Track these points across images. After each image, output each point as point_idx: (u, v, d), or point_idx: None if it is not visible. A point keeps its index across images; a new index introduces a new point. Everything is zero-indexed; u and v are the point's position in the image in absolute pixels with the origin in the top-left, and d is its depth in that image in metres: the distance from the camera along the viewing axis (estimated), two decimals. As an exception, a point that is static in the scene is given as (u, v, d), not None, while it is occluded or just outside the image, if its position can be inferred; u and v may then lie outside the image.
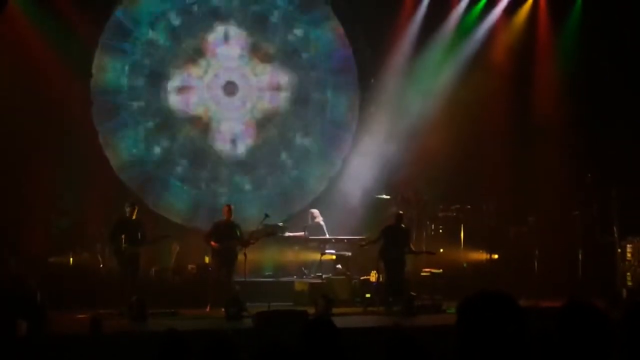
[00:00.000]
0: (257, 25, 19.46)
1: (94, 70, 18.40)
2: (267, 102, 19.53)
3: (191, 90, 19.20)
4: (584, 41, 18.47)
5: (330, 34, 19.69)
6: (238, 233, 16.05)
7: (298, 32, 19.69)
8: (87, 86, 18.32)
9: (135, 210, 15.83)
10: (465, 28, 19.31)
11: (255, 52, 19.47)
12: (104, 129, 18.54)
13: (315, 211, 18.21)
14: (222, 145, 19.32)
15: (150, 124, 18.99)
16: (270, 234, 16.39)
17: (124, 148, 18.79)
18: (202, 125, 19.21)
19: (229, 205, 16.47)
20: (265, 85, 19.53)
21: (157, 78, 18.96)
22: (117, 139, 18.72)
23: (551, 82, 18.97)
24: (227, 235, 15.98)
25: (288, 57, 19.62)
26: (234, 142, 19.38)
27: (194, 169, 19.17)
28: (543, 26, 19.29)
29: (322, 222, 17.98)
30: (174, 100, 19.05)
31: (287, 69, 19.56)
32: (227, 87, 19.35)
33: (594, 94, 17.82)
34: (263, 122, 19.53)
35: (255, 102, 19.45)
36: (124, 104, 18.81)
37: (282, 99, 19.62)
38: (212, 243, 15.98)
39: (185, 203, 19.07)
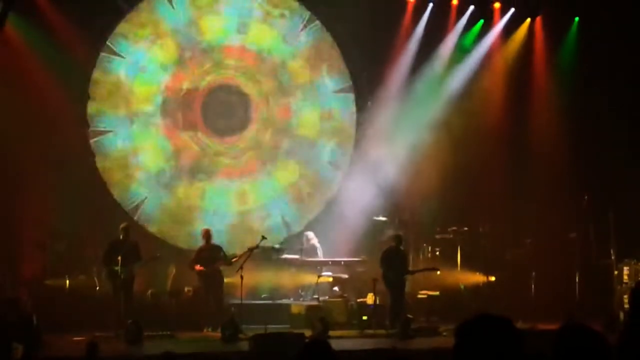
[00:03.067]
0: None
1: (91, 93, 18.43)
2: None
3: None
4: (581, 63, 18.55)
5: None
6: (221, 254, 16.25)
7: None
8: (83, 108, 18.34)
9: (129, 232, 15.87)
10: (462, 50, 19.37)
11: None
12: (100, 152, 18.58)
13: (310, 233, 18.24)
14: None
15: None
16: (253, 249, 16.28)
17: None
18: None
19: (207, 229, 16.71)
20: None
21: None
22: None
23: (548, 105, 19.03)
24: (210, 258, 16.20)
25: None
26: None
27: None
28: (539, 48, 19.39)
29: (317, 244, 17.98)
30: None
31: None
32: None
33: (591, 117, 17.88)
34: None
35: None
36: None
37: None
38: (197, 267, 16.17)
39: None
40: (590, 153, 17.73)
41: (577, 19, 18.79)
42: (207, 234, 16.56)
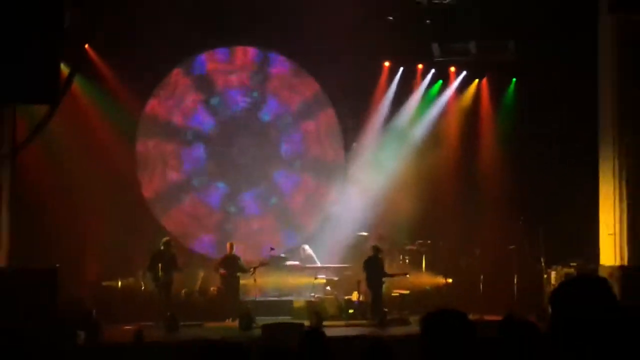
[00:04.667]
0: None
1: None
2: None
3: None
4: (517, 112, 18.60)
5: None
6: (240, 263, 16.37)
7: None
8: (133, 146, 18.35)
9: (170, 245, 15.90)
10: (425, 104, 19.40)
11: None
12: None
13: (306, 246, 18.17)
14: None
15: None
16: (264, 264, 16.49)
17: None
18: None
19: (231, 243, 16.74)
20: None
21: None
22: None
23: (492, 144, 19.02)
24: (232, 266, 16.26)
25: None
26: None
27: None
28: (485, 101, 19.37)
29: (312, 254, 17.93)
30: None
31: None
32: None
33: (526, 153, 17.89)
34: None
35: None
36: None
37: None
38: (221, 272, 16.20)
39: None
40: (525, 182, 17.70)
41: (514, 79, 18.82)
42: (230, 247, 16.63)
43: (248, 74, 19.31)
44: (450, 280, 17.58)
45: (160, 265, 15.39)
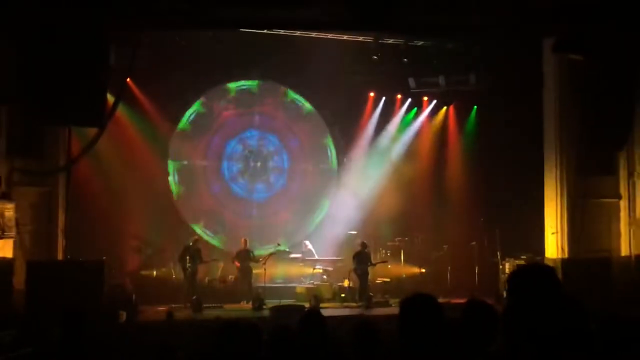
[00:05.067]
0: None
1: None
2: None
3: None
4: (477, 133, 18.65)
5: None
6: (252, 255, 16.28)
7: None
8: (165, 163, 18.36)
9: (196, 241, 15.92)
10: (403, 126, 19.41)
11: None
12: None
13: (307, 242, 18.14)
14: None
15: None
16: (272, 254, 16.58)
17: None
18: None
19: (245, 239, 16.69)
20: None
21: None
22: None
23: (458, 158, 19.05)
24: (245, 258, 16.23)
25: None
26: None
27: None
28: (452, 124, 19.40)
29: (311, 248, 17.90)
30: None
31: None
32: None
33: (485, 165, 17.89)
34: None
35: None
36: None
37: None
38: (236, 263, 16.20)
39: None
40: (485, 189, 17.69)
41: (475, 107, 18.86)
42: (245, 242, 16.58)
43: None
44: (423, 270, 17.59)
45: (188, 257, 15.39)
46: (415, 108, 19.38)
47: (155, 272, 16.62)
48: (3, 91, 12.59)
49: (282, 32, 15.85)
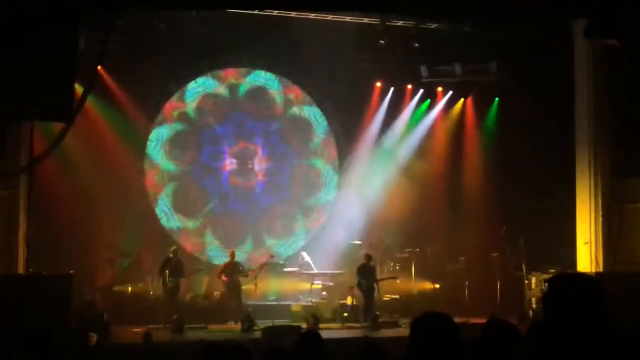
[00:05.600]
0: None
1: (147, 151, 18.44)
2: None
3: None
4: (499, 130, 18.65)
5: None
6: (241, 268, 16.27)
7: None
8: (142, 162, 18.33)
9: (177, 253, 15.90)
10: (414, 121, 19.43)
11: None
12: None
13: (304, 253, 18.14)
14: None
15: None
16: (263, 266, 16.55)
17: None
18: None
19: (232, 250, 16.78)
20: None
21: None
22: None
23: (477, 159, 19.07)
24: (232, 271, 16.22)
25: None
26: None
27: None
28: (470, 119, 19.43)
29: (309, 261, 17.90)
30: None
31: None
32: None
33: (508, 168, 17.90)
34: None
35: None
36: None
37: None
38: (223, 277, 16.16)
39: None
40: (507, 194, 17.72)
41: (497, 99, 18.88)
42: (232, 254, 16.59)
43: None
44: (437, 286, 17.59)
45: (168, 271, 15.39)
46: (428, 100, 19.42)
47: (130, 288, 16.57)
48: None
49: (275, 12, 15.87)
